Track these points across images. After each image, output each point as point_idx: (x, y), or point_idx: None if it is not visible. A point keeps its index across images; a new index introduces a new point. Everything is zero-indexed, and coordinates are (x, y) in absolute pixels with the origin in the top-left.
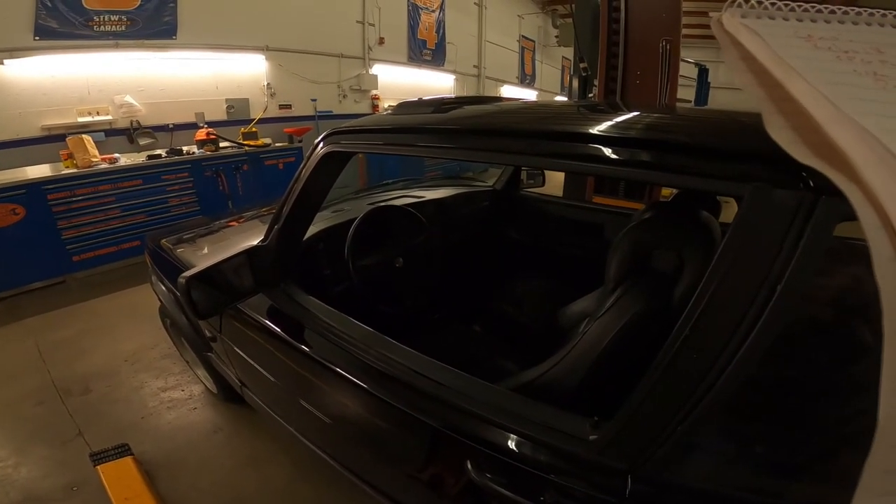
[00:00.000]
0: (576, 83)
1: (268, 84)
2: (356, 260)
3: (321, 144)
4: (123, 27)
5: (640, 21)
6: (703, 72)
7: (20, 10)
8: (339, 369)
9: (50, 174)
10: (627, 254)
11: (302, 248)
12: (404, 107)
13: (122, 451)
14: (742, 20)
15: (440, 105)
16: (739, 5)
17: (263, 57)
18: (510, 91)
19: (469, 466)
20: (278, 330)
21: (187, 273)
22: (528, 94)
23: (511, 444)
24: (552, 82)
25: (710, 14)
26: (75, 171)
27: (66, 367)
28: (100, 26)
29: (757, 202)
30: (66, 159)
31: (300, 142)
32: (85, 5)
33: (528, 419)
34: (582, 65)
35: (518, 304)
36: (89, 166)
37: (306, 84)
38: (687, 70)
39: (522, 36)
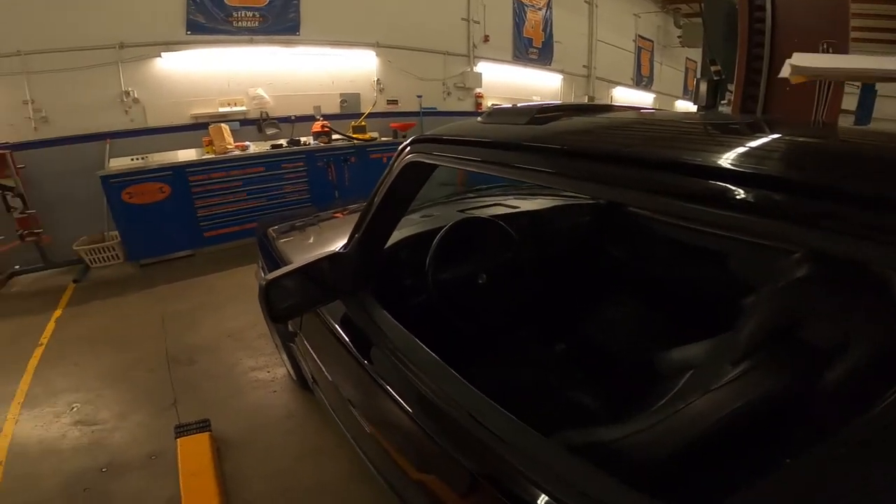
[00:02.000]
0: (703, 87)
1: (377, 80)
2: (437, 273)
3: (406, 151)
4: (256, 23)
5: (792, 22)
6: None
7: (173, 6)
8: (393, 391)
9: (193, 158)
10: (777, 315)
11: (383, 256)
12: (496, 114)
13: (203, 426)
14: None
15: (534, 115)
16: None
17: (374, 53)
18: (623, 93)
19: None
20: (346, 339)
21: (269, 275)
22: (645, 97)
23: None
24: (673, 85)
25: None
26: (213, 156)
27: (178, 338)
28: (238, 22)
29: None
30: (207, 145)
31: (404, 137)
32: (226, 1)
33: (584, 493)
34: (714, 68)
35: (610, 332)
36: (224, 153)
37: (413, 80)
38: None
39: (639, 35)
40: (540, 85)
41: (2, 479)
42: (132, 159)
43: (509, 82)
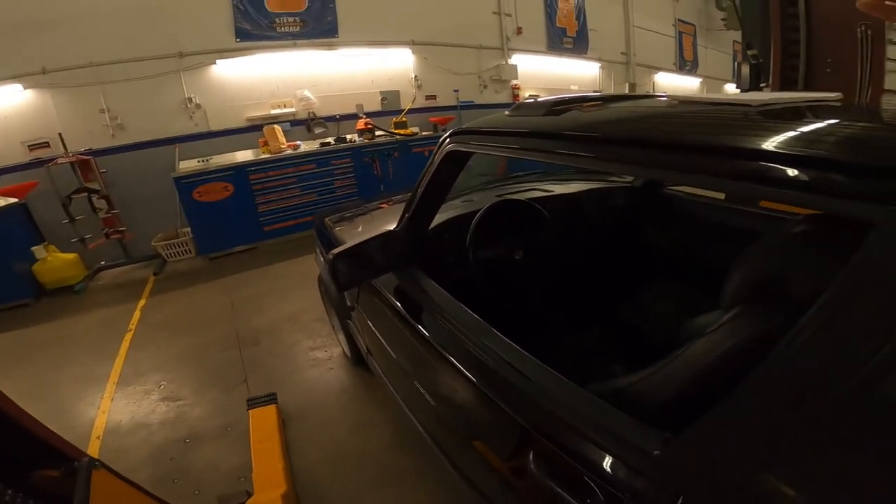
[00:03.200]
0: (745, 70)
1: (415, 76)
2: (476, 250)
3: (446, 142)
4: (298, 27)
5: (828, 5)
6: None
7: (222, 15)
8: (442, 349)
9: (251, 158)
10: (757, 270)
11: (429, 235)
12: (521, 108)
13: (271, 399)
14: None
15: (551, 107)
16: None
17: (410, 51)
18: (666, 79)
19: (536, 463)
20: (399, 306)
21: (335, 250)
22: (690, 82)
23: (580, 448)
24: (721, 69)
25: None
26: (269, 156)
27: (246, 322)
28: (280, 27)
29: None
30: (262, 146)
31: (444, 130)
32: (268, 8)
33: (602, 426)
34: (750, 52)
35: (646, 314)
36: (279, 152)
37: (449, 75)
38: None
39: (679, 20)
40: (577, 74)
41: (100, 450)
42: (199, 161)
43: (546, 72)
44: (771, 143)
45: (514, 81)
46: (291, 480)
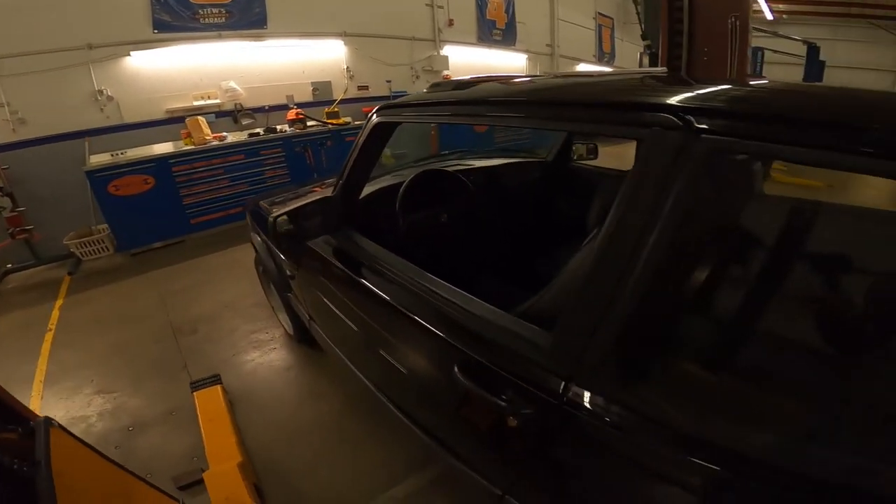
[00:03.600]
0: (646, 60)
1: (347, 67)
2: (405, 214)
3: (373, 117)
4: (223, 19)
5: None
6: (812, 49)
7: (138, 6)
8: (383, 295)
9: (173, 150)
10: (599, 205)
11: (363, 203)
12: (438, 85)
13: (215, 380)
14: None
15: (458, 84)
16: None
17: (342, 42)
18: (587, 69)
19: (467, 374)
20: (339, 265)
21: (276, 211)
22: (607, 71)
23: (500, 354)
24: (635, 59)
25: None
26: (193, 147)
27: (179, 312)
28: (205, 18)
29: (654, 142)
30: (185, 137)
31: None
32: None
33: (516, 334)
34: (645, 42)
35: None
36: (204, 143)
37: (381, 66)
38: (796, 48)
39: (599, 13)
40: (506, 65)
41: None
42: (111, 155)
43: (476, 63)
44: (595, 97)
45: (446, 72)
46: (246, 452)
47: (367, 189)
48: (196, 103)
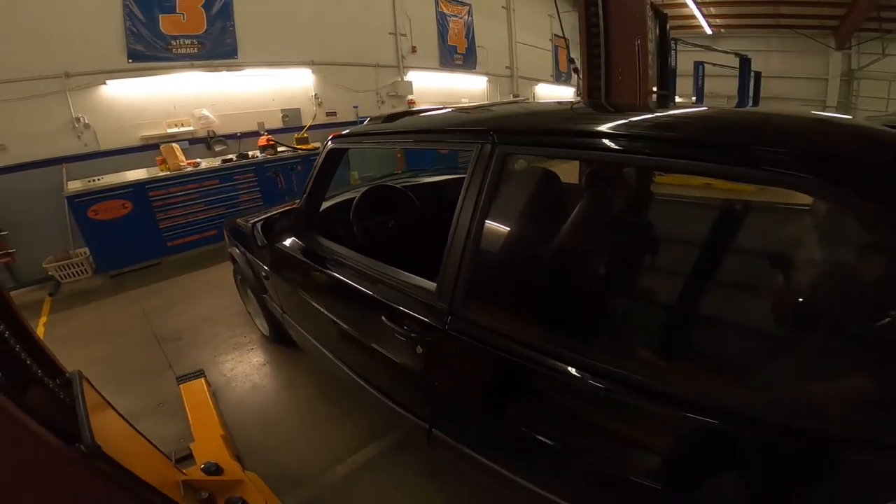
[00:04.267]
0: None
1: (315, 94)
2: (358, 221)
3: (328, 143)
4: (196, 49)
5: (617, 21)
6: (744, 61)
7: (113, 36)
8: (343, 280)
9: (148, 176)
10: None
11: (323, 212)
12: (372, 119)
13: (199, 374)
14: None
15: (388, 117)
16: None
17: (310, 70)
18: (545, 89)
19: (387, 318)
20: (306, 260)
21: (255, 220)
22: (566, 91)
23: (415, 305)
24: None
25: None
26: (168, 173)
27: (162, 324)
28: (177, 49)
29: (480, 151)
30: (160, 164)
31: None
32: (163, 31)
33: (420, 287)
34: (573, 66)
35: None
36: (178, 169)
37: (348, 93)
38: (732, 60)
39: (555, 34)
40: (467, 88)
41: None
42: (88, 181)
43: (439, 87)
44: (454, 125)
45: (410, 96)
46: (228, 429)
47: (329, 203)
48: (170, 130)
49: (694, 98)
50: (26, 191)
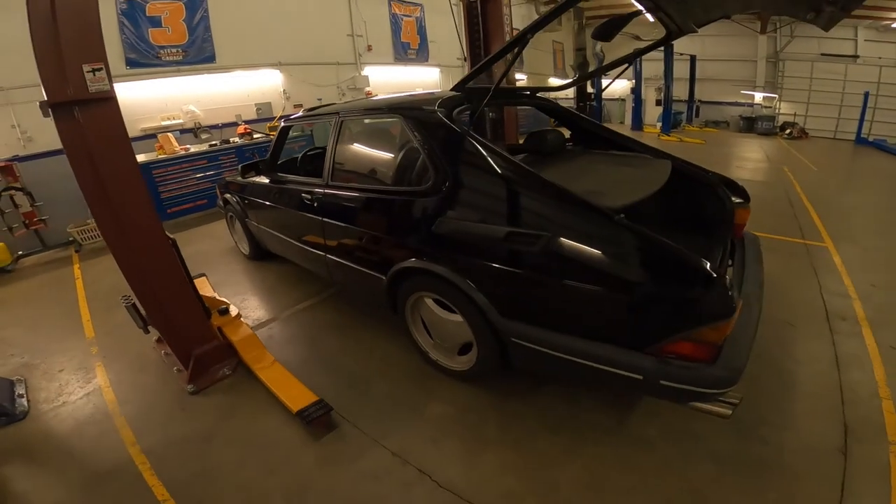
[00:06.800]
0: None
1: (284, 90)
2: (303, 159)
3: (282, 122)
4: (181, 56)
5: (494, 23)
6: (667, 46)
7: (113, 47)
8: (283, 186)
9: (151, 159)
10: None
11: (281, 163)
12: (309, 110)
13: (201, 275)
14: None
15: (310, 110)
16: None
17: (278, 70)
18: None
19: (304, 195)
20: (267, 182)
21: (240, 166)
22: (519, 77)
23: (311, 185)
24: (543, 66)
25: None
26: (165, 156)
27: None
28: (165, 56)
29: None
30: (158, 149)
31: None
32: (153, 42)
33: (317, 181)
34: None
35: None
36: (174, 153)
37: (313, 87)
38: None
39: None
40: (421, 79)
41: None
42: None
43: (394, 80)
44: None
45: (367, 89)
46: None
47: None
48: (163, 123)
49: (633, 81)
50: (54, 172)
